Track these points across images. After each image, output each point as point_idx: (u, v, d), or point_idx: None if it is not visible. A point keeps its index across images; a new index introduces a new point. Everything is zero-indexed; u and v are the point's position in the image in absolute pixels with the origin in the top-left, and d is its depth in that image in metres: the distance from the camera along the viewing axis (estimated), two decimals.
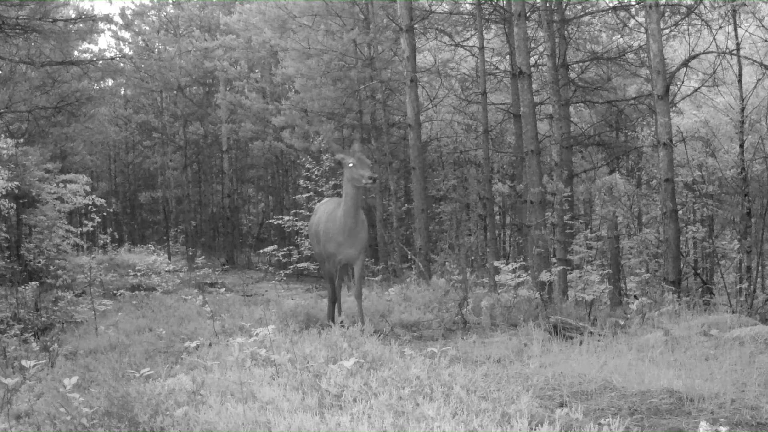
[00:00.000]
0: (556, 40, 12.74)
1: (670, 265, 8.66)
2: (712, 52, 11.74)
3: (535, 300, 7.59)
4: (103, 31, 27.32)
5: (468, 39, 16.09)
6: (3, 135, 11.78)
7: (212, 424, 3.18)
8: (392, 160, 16.45)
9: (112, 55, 21.20)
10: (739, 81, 12.15)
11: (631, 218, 14.91)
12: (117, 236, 22.00)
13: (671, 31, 13.27)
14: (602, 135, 16.02)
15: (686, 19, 12.72)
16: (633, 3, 13.45)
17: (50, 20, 12.35)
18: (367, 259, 15.63)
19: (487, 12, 14.40)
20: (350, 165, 6.72)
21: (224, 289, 10.86)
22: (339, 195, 20.07)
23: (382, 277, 11.94)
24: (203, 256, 18.26)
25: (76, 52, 18.01)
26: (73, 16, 14.04)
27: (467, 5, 16.17)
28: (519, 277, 8.16)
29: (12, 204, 12.12)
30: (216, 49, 21.99)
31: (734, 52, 11.90)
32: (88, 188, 13.82)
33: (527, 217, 10.44)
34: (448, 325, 7.15)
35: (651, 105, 12.71)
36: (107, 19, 14.13)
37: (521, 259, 10.57)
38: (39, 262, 12.47)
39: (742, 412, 3.49)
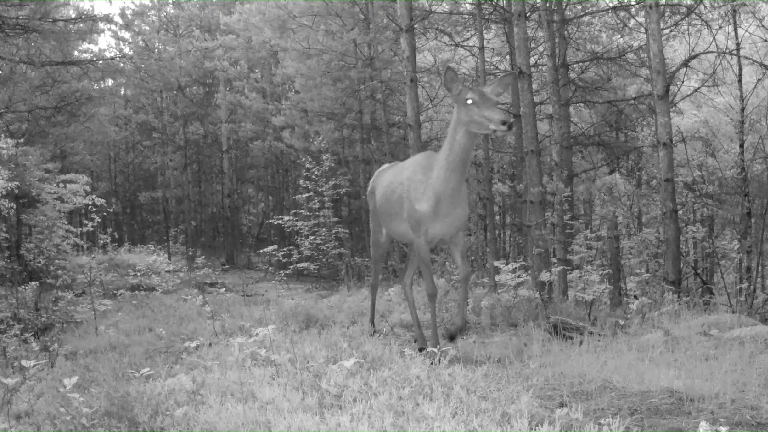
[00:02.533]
0: (556, 40, 12.74)
1: (670, 265, 8.66)
2: (712, 52, 11.75)
3: (535, 300, 7.59)
4: (103, 31, 27.37)
5: (468, 39, 16.09)
6: (3, 135, 11.79)
7: (212, 424, 3.18)
8: (392, 160, 16.44)
9: (112, 55, 21.25)
10: (739, 81, 12.17)
11: (631, 218, 14.93)
12: (117, 236, 22.04)
13: (671, 31, 13.28)
14: (602, 135, 16.03)
15: (686, 19, 12.72)
16: (633, 3, 13.45)
17: (50, 20, 12.37)
18: (367, 259, 15.68)
19: (487, 12, 14.40)
20: (469, 102, 4.81)
21: (224, 289, 10.86)
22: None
23: (382, 277, 11.93)
24: (203, 256, 18.27)
25: (76, 52, 18.03)
26: (73, 16, 14.06)
27: (467, 5, 16.17)
28: (519, 277, 8.15)
29: (12, 204, 12.13)
30: (216, 49, 22.00)
31: (734, 52, 11.91)
32: (88, 188, 13.82)
33: (527, 217, 10.44)
34: (448, 325, 7.15)
35: (651, 105, 12.71)
36: (107, 19, 14.17)
37: (521, 259, 10.57)
38: (39, 262, 12.47)
39: (742, 412, 3.49)
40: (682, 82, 13.59)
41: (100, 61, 17.05)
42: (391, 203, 5.61)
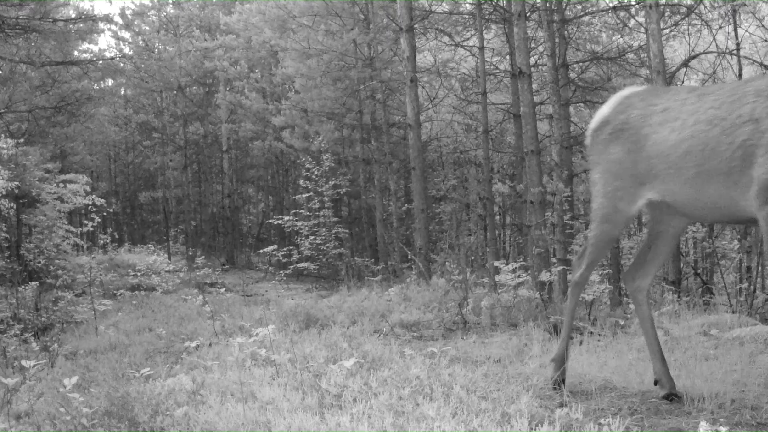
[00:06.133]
0: (556, 40, 12.73)
1: (670, 265, 8.66)
2: (712, 52, 11.75)
3: (535, 300, 7.59)
4: (103, 31, 27.37)
5: (468, 39, 16.09)
6: (3, 135, 11.79)
7: (212, 424, 3.18)
8: (392, 160, 16.45)
9: (112, 55, 21.27)
10: None
11: None
12: (117, 236, 22.04)
13: (671, 31, 13.27)
14: None
15: (686, 19, 12.72)
16: (633, 3, 13.44)
17: (50, 20, 12.38)
18: (367, 259, 15.70)
19: (487, 12, 14.40)
20: None
21: (224, 289, 10.88)
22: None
23: (382, 277, 11.94)
24: (203, 256, 18.29)
25: (76, 52, 18.03)
26: (73, 16, 14.07)
27: (467, 5, 16.17)
28: (519, 277, 8.15)
29: (12, 204, 12.13)
30: (216, 49, 22.00)
31: (734, 52, 11.90)
32: (88, 188, 13.83)
33: (527, 217, 10.44)
34: (448, 325, 7.15)
35: None
36: (107, 19, 14.19)
37: (521, 259, 10.56)
38: (39, 262, 12.47)
39: (742, 412, 3.49)
40: (682, 82, 13.58)
41: (100, 61, 17.07)
42: (716, 147, 3.43)
